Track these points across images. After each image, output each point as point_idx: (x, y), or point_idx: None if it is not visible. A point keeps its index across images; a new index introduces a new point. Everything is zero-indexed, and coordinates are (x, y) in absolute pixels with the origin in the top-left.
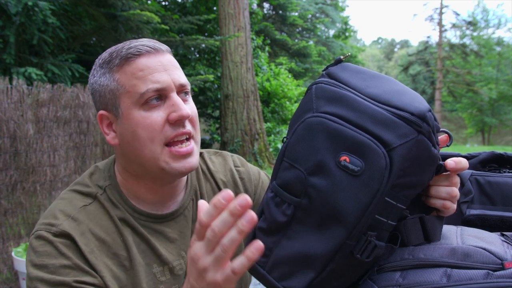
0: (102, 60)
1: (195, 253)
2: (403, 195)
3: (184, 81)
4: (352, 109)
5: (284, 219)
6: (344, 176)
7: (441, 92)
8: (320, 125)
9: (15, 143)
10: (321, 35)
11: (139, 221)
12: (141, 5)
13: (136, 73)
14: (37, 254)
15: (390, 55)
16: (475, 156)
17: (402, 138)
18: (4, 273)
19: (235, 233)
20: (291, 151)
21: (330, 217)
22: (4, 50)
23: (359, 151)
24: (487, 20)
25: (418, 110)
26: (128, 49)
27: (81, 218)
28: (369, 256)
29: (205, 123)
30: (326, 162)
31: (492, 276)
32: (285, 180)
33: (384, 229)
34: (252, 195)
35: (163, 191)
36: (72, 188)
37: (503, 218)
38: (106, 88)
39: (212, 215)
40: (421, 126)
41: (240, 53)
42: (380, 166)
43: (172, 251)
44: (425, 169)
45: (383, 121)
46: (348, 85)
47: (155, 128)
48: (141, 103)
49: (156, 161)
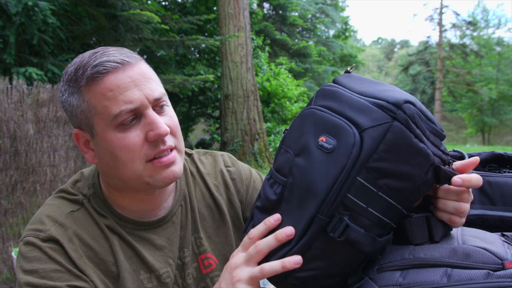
0: (69, 77)
1: (235, 262)
2: (384, 184)
3: (159, 94)
4: (338, 101)
5: (274, 197)
6: (320, 154)
7: (441, 92)
8: (310, 114)
9: (15, 143)
10: (321, 35)
11: (125, 229)
12: (141, 5)
13: (106, 93)
14: (26, 260)
15: (390, 55)
16: (475, 156)
17: (375, 121)
18: (4, 273)
19: (278, 263)
20: (287, 139)
21: (307, 193)
22: (4, 50)
23: (334, 132)
24: (487, 20)
25: (394, 98)
26: (94, 67)
27: (68, 224)
28: (340, 235)
29: (205, 123)
30: (308, 143)
31: (492, 276)
32: (279, 164)
33: (364, 216)
34: (244, 195)
35: (148, 200)
36: (58, 195)
37: (503, 218)
38: (77, 109)
39: (261, 232)
40: (395, 112)
41: (240, 53)
42: (348, 143)
43: (159, 258)
44: (407, 160)
45: (360, 107)
46: (344, 86)
47: (133, 149)
48: (116, 124)
49: (140, 178)
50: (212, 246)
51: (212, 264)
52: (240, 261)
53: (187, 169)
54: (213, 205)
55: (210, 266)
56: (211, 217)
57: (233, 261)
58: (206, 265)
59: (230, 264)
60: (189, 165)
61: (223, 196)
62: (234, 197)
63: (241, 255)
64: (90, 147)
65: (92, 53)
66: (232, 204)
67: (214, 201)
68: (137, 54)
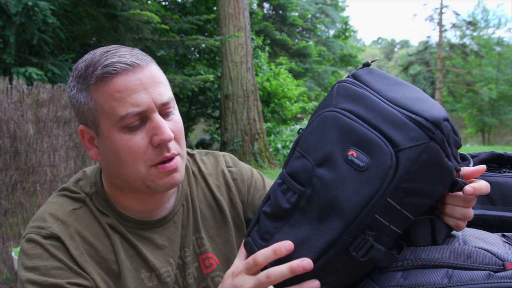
0: (78, 73)
1: (242, 284)
2: (409, 202)
3: (167, 98)
4: (367, 108)
5: (288, 206)
6: (349, 170)
7: (441, 92)
8: (334, 119)
9: (15, 143)
10: (321, 35)
11: (127, 228)
12: (141, 5)
13: (114, 94)
14: (28, 257)
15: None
16: (475, 156)
17: (412, 141)
18: (4, 273)
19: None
20: (304, 142)
21: (330, 209)
22: (4, 50)
23: (367, 148)
24: (487, 20)
25: (433, 116)
26: (104, 67)
27: (70, 221)
28: (364, 255)
29: (205, 123)
30: (334, 154)
31: (493, 277)
32: (294, 169)
33: (385, 233)
34: (245, 195)
35: (150, 201)
36: (60, 193)
37: (503, 218)
38: (85, 106)
39: (269, 259)
40: (434, 132)
41: (240, 53)
42: (385, 164)
43: (160, 258)
44: (435, 180)
45: (396, 122)
46: (370, 86)
47: (137, 151)
48: (121, 126)
49: (142, 180)
50: (213, 246)
51: (213, 264)
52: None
53: (189, 169)
54: (214, 205)
55: (211, 266)
56: (212, 217)
57: (238, 282)
58: (207, 265)
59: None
60: (191, 165)
61: (225, 197)
62: (236, 197)
63: (247, 279)
64: (94, 144)
65: (103, 52)
66: (233, 205)
67: (215, 201)
68: (149, 56)
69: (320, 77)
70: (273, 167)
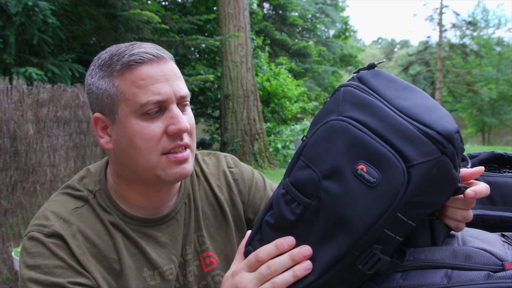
0: (102, 62)
1: (242, 281)
2: (416, 213)
3: (185, 92)
4: (378, 119)
5: (292, 217)
6: (359, 185)
7: (441, 92)
8: (343, 129)
9: (15, 143)
10: (321, 35)
11: (130, 226)
12: (141, 5)
13: (137, 81)
14: (30, 255)
15: (390, 55)
16: (475, 156)
17: (425, 156)
18: (4, 273)
19: (290, 275)
20: (309, 151)
21: (338, 223)
22: (4, 50)
23: (378, 162)
24: (487, 20)
25: (446, 130)
26: (131, 55)
27: (72, 220)
28: (371, 268)
29: (205, 123)
30: (342, 167)
31: (492, 277)
32: (298, 179)
33: (390, 244)
34: (246, 196)
35: (156, 196)
36: (63, 191)
37: (503, 218)
38: (105, 93)
39: (271, 254)
40: (446, 146)
41: (240, 53)
42: (397, 181)
43: (162, 255)
44: (442, 191)
45: (408, 135)
46: (378, 93)
47: (153, 139)
48: (140, 113)
49: (152, 170)
50: (214, 245)
51: (214, 263)
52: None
53: None
54: (216, 205)
55: (212, 265)
56: (213, 216)
57: (238, 280)
58: (207, 263)
59: (236, 283)
60: (193, 165)
61: (226, 197)
62: (236, 197)
63: (248, 276)
64: (107, 132)
65: (129, 44)
66: (234, 205)
67: (217, 201)
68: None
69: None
70: (273, 167)
